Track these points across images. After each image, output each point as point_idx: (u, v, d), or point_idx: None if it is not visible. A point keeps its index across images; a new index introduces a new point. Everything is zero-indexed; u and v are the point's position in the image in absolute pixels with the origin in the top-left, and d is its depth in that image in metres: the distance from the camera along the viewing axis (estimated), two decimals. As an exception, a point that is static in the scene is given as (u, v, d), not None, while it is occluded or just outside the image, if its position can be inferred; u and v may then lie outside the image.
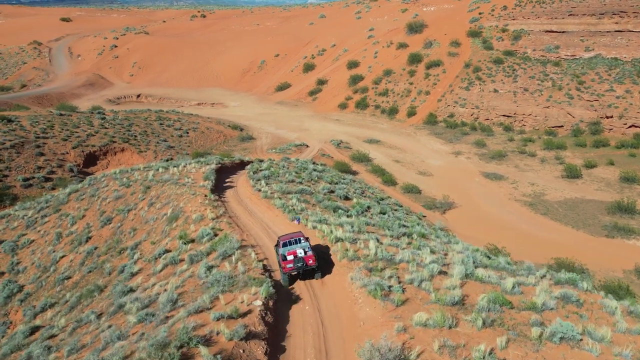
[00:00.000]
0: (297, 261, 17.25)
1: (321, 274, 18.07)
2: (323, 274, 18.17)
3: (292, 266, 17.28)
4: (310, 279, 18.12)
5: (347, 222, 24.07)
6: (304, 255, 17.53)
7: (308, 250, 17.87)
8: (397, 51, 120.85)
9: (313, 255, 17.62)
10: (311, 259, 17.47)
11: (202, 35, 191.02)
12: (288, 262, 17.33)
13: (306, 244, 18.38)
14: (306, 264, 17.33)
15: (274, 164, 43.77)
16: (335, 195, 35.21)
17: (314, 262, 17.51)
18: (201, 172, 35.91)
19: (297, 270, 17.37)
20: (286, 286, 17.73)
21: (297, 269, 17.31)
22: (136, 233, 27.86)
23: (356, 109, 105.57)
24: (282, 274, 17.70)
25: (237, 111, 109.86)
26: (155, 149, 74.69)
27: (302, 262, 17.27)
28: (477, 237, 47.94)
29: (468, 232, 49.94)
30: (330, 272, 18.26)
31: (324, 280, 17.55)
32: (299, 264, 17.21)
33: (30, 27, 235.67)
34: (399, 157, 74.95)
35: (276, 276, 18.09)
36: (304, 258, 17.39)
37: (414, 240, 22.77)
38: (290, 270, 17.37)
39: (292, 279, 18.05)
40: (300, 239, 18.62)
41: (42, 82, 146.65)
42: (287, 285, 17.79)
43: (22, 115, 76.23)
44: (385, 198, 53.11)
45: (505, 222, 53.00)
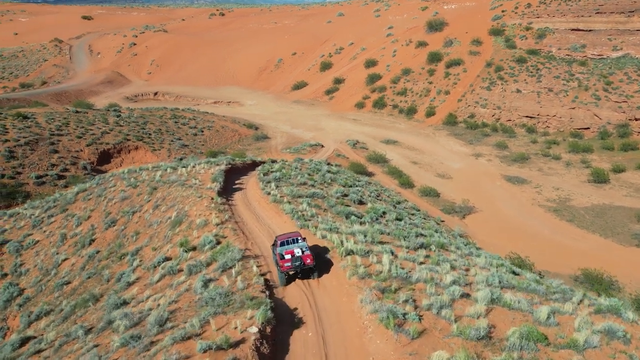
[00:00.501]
0: (294, 260, 17.23)
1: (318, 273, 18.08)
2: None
3: (289, 265, 17.23)
4: (307, 278, 18.02)
5: (359, 230, 22.37)
6: (301, 254, 17.49)
7: (305, 249, 17.85)
8: (417, 50, 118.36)
9: (311, 255, 17.66)
10: (309, 258, 17.49)
11: (219, 33, 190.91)
12: (286, 260, 17.31)
13: (304, 243, 18.33)
14: (304, 263, 17.33)
15: (286, 165, 42.25)
16: (349, 199, 33.51)
17: (311, 261, 17.51)
18: (210, 173, 34.59)
19: (294, 270, 17.39)
20: (283, 285, 17.73)
21: (295, 268, 17.32)
22: (139, 237, 26.61)
23: (373, 108, 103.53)
24: (280, 272, 17.64)
25: (253, 110, 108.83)
26: (170, 147, 73.97)
27: (300, 261, 17.27)
28: (499, 244, 45.73)
29: (489, 239, 47.74)
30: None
31: (332, 299, 15.90)
32: (296, 263, 17.21)
33: (52, 25, 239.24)
34: (416, 158, 72.80)
35: (278, 294, 16.55)
36: (302, 257, 17.38)
37: (433, 252, 20.96)
38: (288, 269, 17.34)
39: (289, 278, 18.02)
40: (297, 239, 18.59)
41: (61, 79, 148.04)
42: (284, 284, 17.76)
43: (39, 112, 76.30)
44: (401, 202, 51.22)
45: (528, 228, 50.58)
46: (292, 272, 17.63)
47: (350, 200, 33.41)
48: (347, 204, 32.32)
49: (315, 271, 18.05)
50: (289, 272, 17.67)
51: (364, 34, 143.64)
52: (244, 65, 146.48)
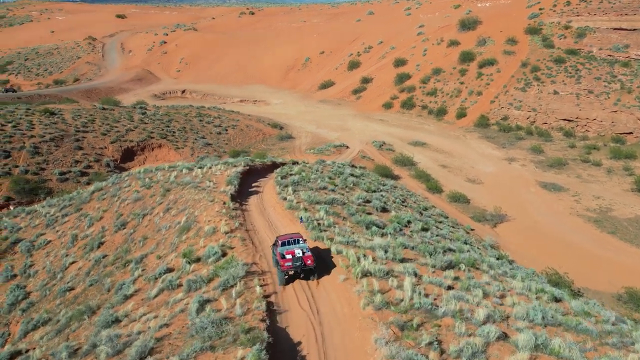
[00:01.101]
0: (295, 260, 17.14)
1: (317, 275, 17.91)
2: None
3: (290, 265, 17.12)
4: (306, 279, 17.79)
5: (380, 245, 20.19)
6: (302, 255, 17.41)
7: (307, 250, 17.76)
8: (448, 49, 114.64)
9: (311, 256, 17.56)
10: (309, 259, 17.39)
11: (248, 32, 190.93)
12: (287, 260, 17.20)
13: (305, 245, 18.26)
14: (304, 263, 17.24)
15: (306, 167, 40.33)
16: (371, 206, 31.29)
17: (312, 262, 17.40)
18: (226, 175, 33.00)
19: (295, 270, 17.30)
20: (282, 285, 17.54)
21: (295, 268, 17.23)
22: (146, 243, 25.16)
23: (402, 109, 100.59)
24: (280, 272, 17.54)
25: (278, 109, 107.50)
26: (193, 145, 73.24)
27: (301, 262, 17.18)
28: (533, 257, 42.62)
29: (522, 250, 44.62)
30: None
31: (343, 333, 13.78)
32: (297, 263, 17.12)
33: (88, 23, 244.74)
34: (446, 161, 69.73)
35: (281, 321, 14.57)
36: (303, 258, 17.30)
37: (462, 272, 18.59)
38: (288, 269, 17.23)
39: (289, 278, 17.85)
40: (299, 240, 18.55)
41: (93, 77, 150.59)
42: (284, 284, 17.57)
43: (66, 109, 76.86)
44: (429, 208, 48.59)
45: (565, 240, 47.12)
46: (292, 272, 17.48)
47: (373, 207, 31.20)
48: (369, 211, 30.13)
49: (315, 272, 17.87)
50: (289, 272, 17.53)
51: (394, 32, 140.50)
52: (272, 64, 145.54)
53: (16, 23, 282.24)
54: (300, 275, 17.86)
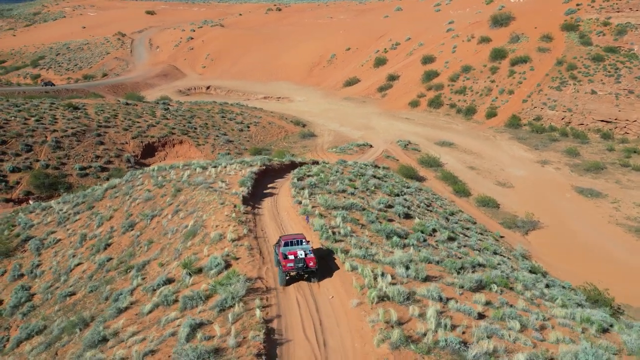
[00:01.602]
0: (297, 261, 16.90)
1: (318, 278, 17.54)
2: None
3: (292, 265, 16.88)
4: (307, 281, 17.50)
5: (401, 259, 18.08)
6: (304, 256, 17.14)
7: (309, 252, 17.46)
8: (479, 46, 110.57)
9: (314, 258, 17.27)
10: (312, 261, 17.13)
11: (275, 28, 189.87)
12: (289, 261, 16.94)
13: (308, 246, 17.96)
14: (306, 265, 16.98)
15: (326, 167, 38.35)
16: (393, 212, 29.10)
17: (314, 264, 17.14)
18: (240, 175, 31.35)
19: (296, 271, 17.05)
20: (283, 285, 17.26)
21: (297, 269, 16.99)
22: (151, 247, 23.71)
23: (429, 107, 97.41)
24: (281, 272, 17.31)
25: (302, 106, 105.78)
26: (214, 142, 72.23)
27: (303, 263, 16.92)
28: (569, 269, 39.65)
29: (556, 262, 41.62)
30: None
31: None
32: (299, 264, 16.89)
33: (118, 19, 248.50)
34: (474, 163, 66.63)
35: (281, 355, 12.67)
36: (305, 259, 17.03)
37: (494, 294, 16.31)
38: (290, 270, 16.96)
39: (290, 279, 17.57)
40: (302, 241, 18.27)
41: (121, 72, 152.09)
42: (284, 284, 17.28)
43: (90, 103, 76.98)
44: (455, 212, 46.01)
45: (603, 250, 43.84)
46: (293, 272, 17.18)
47: (395, 213, 29.00)
48: (390, 217, 27.98)
49: (316, 276, 17.55)
50: (290, 273, 17.23)
51: (423, 29, 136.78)
52: (297, 60, 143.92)
53: (50, 19, 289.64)
54: (303, 276, 17.53)
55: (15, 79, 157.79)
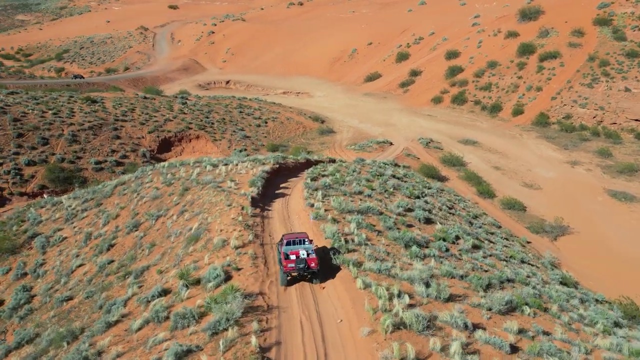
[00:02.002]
0: (299, 262, 16.49)
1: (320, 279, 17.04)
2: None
3: (293, 266, 16.48)
4: (309, 282, 17.04)
5: (420, 274, 16.17)
6: (306, 257, 16.69)
7: (311, 252, 17.02)
8: (506, 41, 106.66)
9: (316, 259, 16.83)
10: (313, 261, 16.71)
11: (296, 22, 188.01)
12: (290, 261, 16.58)
13: (310, 246, 17.51)
14: (308, 266, 16.56)
15: (342, 166, 36.48)
16: (413, 217, 27.10)
17: (316, 265, 16.71)
18: (251, 174, 29.75)
19: (297, 272, 16.65)
20: (284, 285, 16.84)
21: (298, 270, 16.58)
22: (153, 251, 22.32)
23: (452, 104, 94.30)
24: (282, 273, 16.93)
25: (321, 102, 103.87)
26: (231, 138, 71.03)
27: (304, 264, 16.49)
28: (602, 278, 37.00)
29: (588, 270, 38.97)
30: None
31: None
32: (300, 265, 16.46)
33: (141, 13, 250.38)
34: (499, 163, 63.79)
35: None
36: (307, 260, 16.58)
37: (527, 318, 14.28)
38: (291, 270, 16.54)
39: (292, 280, 17.15)
40: (304, 240, 17.78)
41: (142, 66, 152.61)
42: (285, 285, 16.87)
43: (108, 97, 76.66)
44: (479, 215, 43.66)
45: (638, 258, 40.89)
46: (294, 273, 16.71)
47: (415, 218, 26.99)
48: (410, 222, 26.00)
49: (318, 277, 17.05)
50: (292, 273, 16.76)
51: (447, 23, 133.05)
52: (317, 55, 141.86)
53: (76, 13, 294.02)
54: (305, 276, 17.03)
55: (40, 71, 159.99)
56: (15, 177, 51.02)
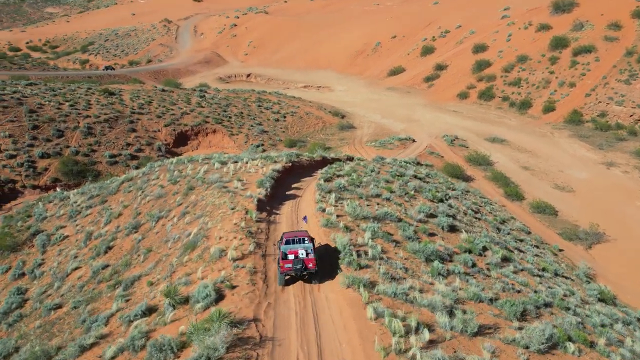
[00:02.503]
0: (296, 262, 16.05)
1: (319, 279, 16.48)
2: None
3: (290, 266, 16.02)
4: (308, 282, 16.49)
5: (443, 300, 13.81)
6: (305, 257, 16.27)
7: (310, 252, 16.55)
8: (537, 34, 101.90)
9: (314, 259, 16.34)
10: (311, 262, 16.25)
11: (319, 15, 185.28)
12: (287, 261, 16.14)
13: (310, 245, 16.89)
14: (305, 266, 16.14)
15: (360, 166, 34.10)
16: (436, 224, 24.61)
17: (314, 266, 16.26)
18: (261, 174, 27.68)
19: (295, 272, 16.21)
20: (281, 285, 16.34)
21: (295, 271, 16.14)
22: (148, 257, 20.50)
23: (479, 99, 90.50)
24: (279, 273, 16.39)
25: (342, 96, 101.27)
26: (248, 132, 69.27)
27: (302, 264, 16.06)
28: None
29: (626, 282, 35.76)
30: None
31: None
32: (298, 265, 16.03)
33: (166, 6, 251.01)
34: (529, 162, 60.30)
35: None
36: (304, 260, 16.16)
37: (572, 357, 11.81)
38: (288, 271, 16.11)
39: (290, 279, 16.68)
40: (304, 239, 17.10)
41: (164, 58, 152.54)
42: (283, 285, 16.39)
43: (126, 89, 75.82)
44: (507, 220, 40.75)
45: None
46: (292, 273, 16.20)
47: (438, 225, 24.50)
48: (432, 230, 23.55)
49: (317, 278, 16.51)
50: (289, 274, 16.23)
51: (475, 16, 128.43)
52: (340, 48, 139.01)
53: (102, 6, 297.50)
54: (304, 276, 16.47)
55: (65, 63, 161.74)
56: (29, 169, 50.30)
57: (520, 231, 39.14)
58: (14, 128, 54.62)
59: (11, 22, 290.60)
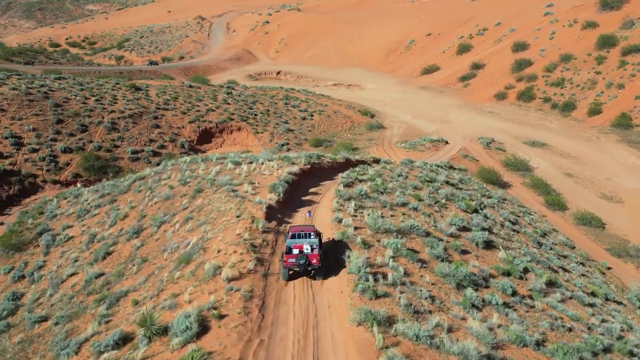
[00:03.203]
0: (299, 258, 15.72)
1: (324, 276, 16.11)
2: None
3: (293, 261, 15.69)
4: (311, 278, 16.16)
5: (477, 346, 11.00)
6: (309, 252, 15.98)
7: (316, 247, 16.24)
8: (583, 32, 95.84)
9: (318, 255, 15.90)
10: (315, 258, 15.80)
11: (352, 12, 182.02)
12: (291, 256, 15.85)
13: (315, 240, 16.53)
14: (309, 262, 15.74)
15: (386, 169, 31.25)
16: (470, 240, 21.60)
17: (317, 262, 15.80)
18: (275, 177, 25.27)
19: (298, 268, 15.85)
20: (284, 280, 16.04)
21: (298, 266, 15.76)
22: (142, 269, 18.43)
23: (518, 100, 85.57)
24: (283, 267, 16.11)
25: (373, 95, 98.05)
26: (273, 131, 67.22)
27: (305, 260, 15.69)
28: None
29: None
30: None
31: None
32: (301, 261, 15.66)
33: (201, 3, 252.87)
34: (572, 169, 55.80)
35: None
36: (308, 256, 15.78)
37: None
38: (291, 266, 15.78)
39: (293, 274, 16.31)
40: (310, 234, 16.84)
41: (196, 55, 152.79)
42: (286, 279, 16.09)
43: (153, 85, 75.13)
44: (549, 232, 37.10)
45: None
46: (295, 269, 15.94)
47: (472, 241, 21.50)
48: (465, 247, 20.60)
49: (320, 274, 16.22)
50: (293, 269, 15.98)
51: (515, 13, 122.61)
52: (372, 46, 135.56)
53: (140, 3, 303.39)
54: (308, 272, 16.13)
55: (101, 59, 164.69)
56: (50, 164, 49.69)
57: (563, 246, 35.43)
58: (39, 122, 54.30)
59: (54, 19, 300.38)
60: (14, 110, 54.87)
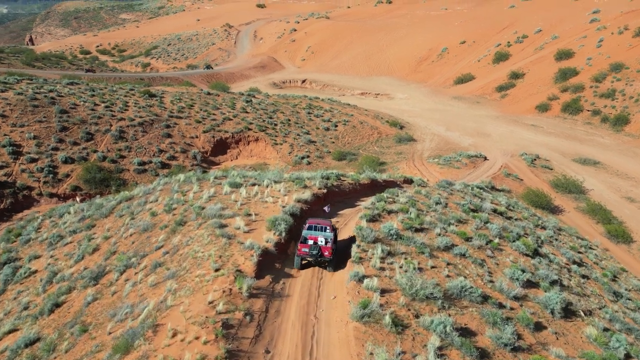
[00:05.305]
0: (312, 248, 16.16)
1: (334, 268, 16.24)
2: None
3: (307, 251, 16.18)
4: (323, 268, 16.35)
5: None
6: (323, 244, 16.41)
7: (330, 241, 16.56)
8: (635, 39, 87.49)
9: (331, 248, 16.31)
10: (327, 250, 16.26)
11: (382, 20, 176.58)
12: (305, 245, 16.27)
13: (330, 234, 16.86)
14: (321, 253, 16.18)
15: (421, 194, 25.18)
16: (542, 305, 15.41)
17: (329, 254, 16.25)
18: (278, 206, 19.64)
19: (310, 257, 16.28)
20: (297, 268, 16.40)
21: (311, 256, 16.23)
22: (76, 344, 13.03)
23: (563, 113, 77.88)
24: (296, 256, 16.50)
25: (402, 105, 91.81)
26: (293, 142, 61.86)
27: (318, 251, 16.14)
28: None
29: None
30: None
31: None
32: (314, 251, 16.13)
33: (230, 12, 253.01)
34: (633, 192, 48.27)
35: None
36: (321, 247, 16.25)
37: None
38: (304, 255, 16.21)
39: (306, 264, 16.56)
40: (326, 228, 17.17)
41: (221, 62, 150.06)
42: (298, 268, 16.45)
43: (169, 92, 71.13)
44: (619, 274, 30.14)
45: None
46: (309, 258, 16.18)
47: (545, 307, 15.29)
48: (539, 318, 14.46)
49: (331, 265, 16.32)
50: (306, 258, 16.26)
51: (557, 19, 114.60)
52: (402, 54, 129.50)
53: (171, 12, 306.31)
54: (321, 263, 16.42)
55: (128, 67, 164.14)
56: (48, 175, 45.44)
57: (638, 292, 28.52)
58: (41, 129, 50.47)
59: (88, 27, 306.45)
60: (16, 117, 51.23)
